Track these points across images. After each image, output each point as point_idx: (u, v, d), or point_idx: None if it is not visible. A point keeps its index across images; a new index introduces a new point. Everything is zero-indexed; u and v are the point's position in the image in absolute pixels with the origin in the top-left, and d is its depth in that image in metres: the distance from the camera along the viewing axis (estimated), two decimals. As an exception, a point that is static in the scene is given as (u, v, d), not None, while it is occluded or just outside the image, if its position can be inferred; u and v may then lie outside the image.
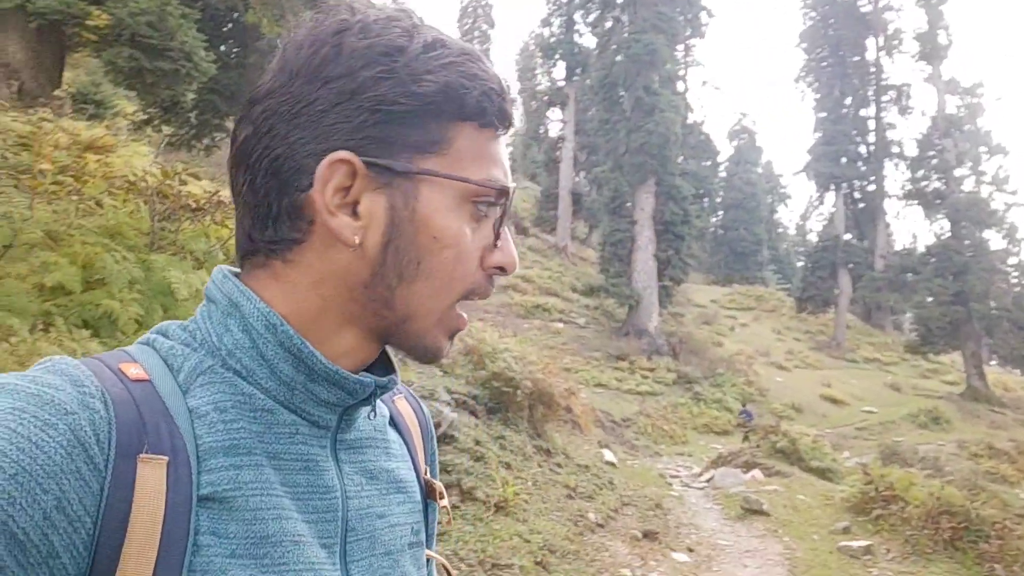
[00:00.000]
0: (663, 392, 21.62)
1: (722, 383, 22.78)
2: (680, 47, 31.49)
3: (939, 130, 30.83)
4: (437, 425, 6.67)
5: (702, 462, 13.60)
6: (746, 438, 14.94)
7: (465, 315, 0.68)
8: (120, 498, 0.53)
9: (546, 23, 40.13)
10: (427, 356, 0.68)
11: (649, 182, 26.62)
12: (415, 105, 0.62)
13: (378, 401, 0.77)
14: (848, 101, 37.96)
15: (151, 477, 0.54)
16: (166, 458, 0.55)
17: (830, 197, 38.87)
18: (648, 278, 26.19)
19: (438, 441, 5.58)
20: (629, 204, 27.13)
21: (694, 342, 26.29)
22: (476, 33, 48.45)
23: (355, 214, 0.63)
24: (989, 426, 23.15)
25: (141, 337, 0.66)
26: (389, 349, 0.74)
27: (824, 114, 37.90)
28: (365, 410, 0.71)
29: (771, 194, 57.90)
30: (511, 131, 0.70)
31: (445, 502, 0.81)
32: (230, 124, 21.34)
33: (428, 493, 0.81)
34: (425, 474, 0.82)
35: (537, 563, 5.46)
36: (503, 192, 0.66)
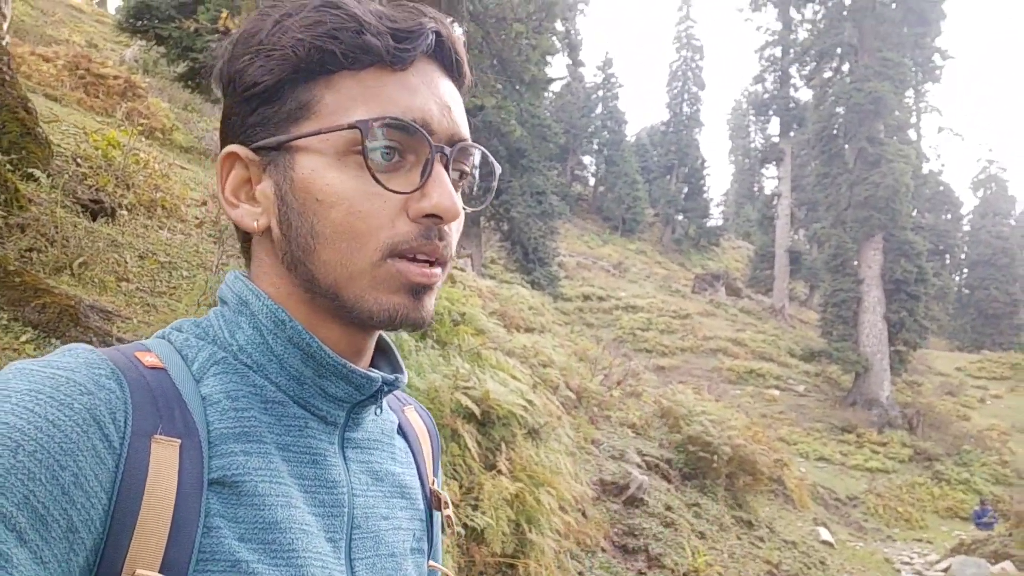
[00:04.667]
0: (897, 469, 19.53)
1: (969, 462, 20.07)
2: (910, 93, 29.26)
3: None
4: (626, 487, 6.51)
5: (943, 550, 11.97)
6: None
7: (421, 268, 0.62)
8: (135, 476, 0.54)
9: (759, 79, 39.19)
10: (384, 322, 0.63)
11: (876, 237, 24.74)
12: (273, 79, 0.63)
13: (388, 409, 0.78)
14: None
15: (164, 458, 0.56)
16: (179, 440, 0.57)
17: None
18: (877, 342, 24.09)
19: (626, 503, 5.40)
20: (855, 263, 25.31)
21: (934, 415, 23.49)
22: (686, 96, 48.35)
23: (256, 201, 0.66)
24: None
25: (157, 332, 0.68)
26: (395, 350, 0.75)
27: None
28: (373, 409, 0.71)
29: (1030, 248, 50.95)
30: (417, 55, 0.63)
31: (449, 511, 0.81)
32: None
33: (434, 503, 0.80)
34: (432, 484, 0.81)
35: (728, 642, 5.06)
36: (397, 127, 0.61)
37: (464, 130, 0.66)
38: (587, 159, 49.88)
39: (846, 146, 26.25)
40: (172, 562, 0.53)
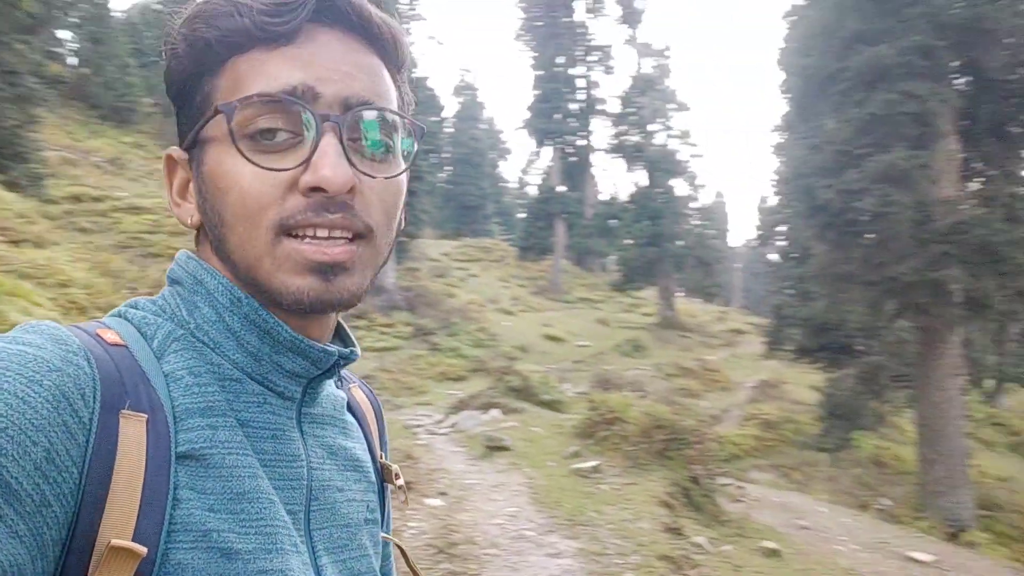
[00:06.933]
0: (402, 346, 21.92)
1: (457, 332, 23.75)
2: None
3: (637, 89, 34.22)
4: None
5: (443, 409, 14.13)
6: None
7: (318, 247, 0.61)
8: (104, 451, 0.54)
9: None
10: (293, 302, 0.62)
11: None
12: (179, 79, 0.66)
13: (336, 387, 0.80)
14: (561, 60, 40.44)
15: (132, 432, 0.56)
16: (145, 416, 0.57)
17: (546, 151, 41.51)
18: (382, 234, 26.17)
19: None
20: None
21: (429, 295, 26.95)
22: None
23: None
24: (679, 349, 27.08)
25: (112, 311, 0.67)
26: (344, 324, 0.76)
27: (541, 72, 40.01)
28: (329, 383, 0.74)
29: (494, 150, 60.35)
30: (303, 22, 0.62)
31: (401, 482, 0.84)
32: None
33: (385, 476, 0.84)
34: (381, 457, 0.85)
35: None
36: (267, 102, 0.61)
37: (367, 92, 0.64)
38: (65, 34, 42.08)
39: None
40: (143, 533, 0.55)
